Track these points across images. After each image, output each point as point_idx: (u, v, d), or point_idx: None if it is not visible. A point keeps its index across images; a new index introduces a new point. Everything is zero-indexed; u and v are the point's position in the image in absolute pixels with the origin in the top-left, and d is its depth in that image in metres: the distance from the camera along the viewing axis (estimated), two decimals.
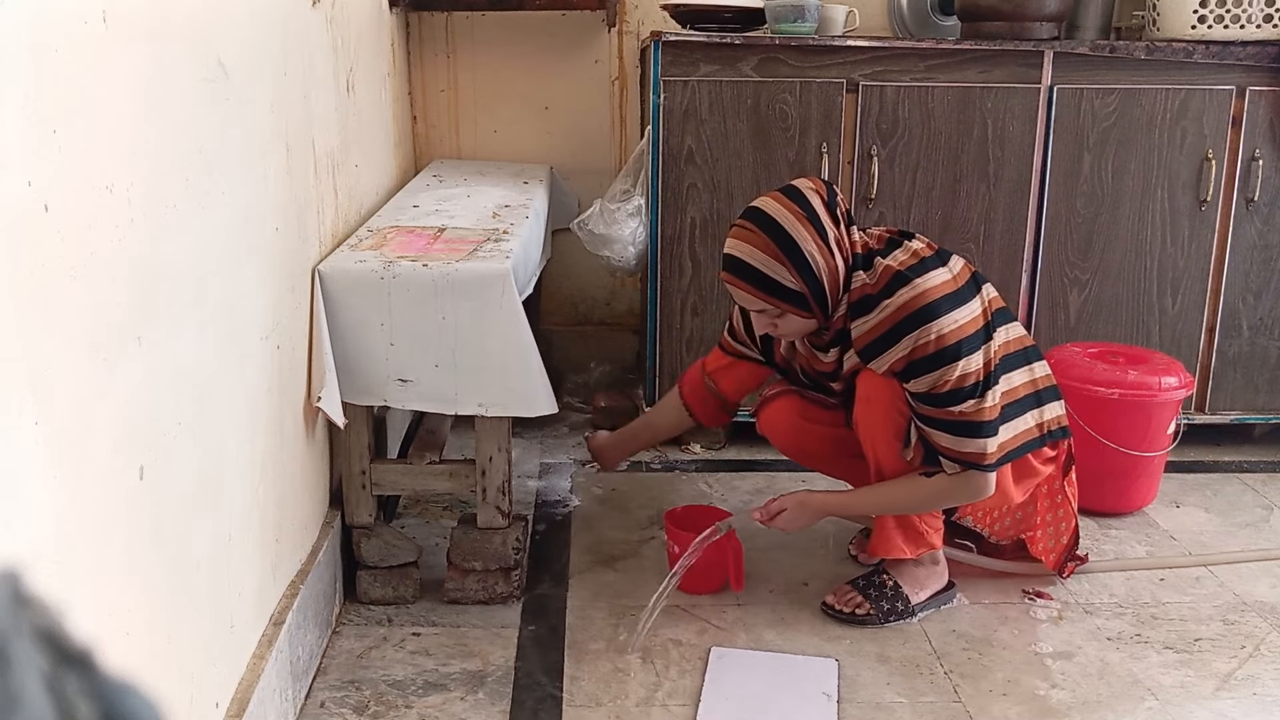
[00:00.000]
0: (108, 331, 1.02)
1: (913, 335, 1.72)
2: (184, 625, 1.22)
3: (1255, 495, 2.48)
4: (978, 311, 1.77)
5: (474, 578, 1.93)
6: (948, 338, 1.72)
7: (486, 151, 3.00)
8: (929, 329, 1.72)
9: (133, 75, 1.08)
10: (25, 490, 0.88)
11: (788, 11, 2.51)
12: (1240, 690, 1.73)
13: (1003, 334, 1.83)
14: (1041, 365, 1.91)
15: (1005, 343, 1.83)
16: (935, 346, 1.72)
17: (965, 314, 1.75)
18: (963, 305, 1.75)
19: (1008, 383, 1.82)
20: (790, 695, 1.69)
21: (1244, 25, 2.49)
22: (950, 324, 1.73)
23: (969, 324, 1.74)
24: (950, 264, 1.80)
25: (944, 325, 1.72)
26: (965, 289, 1.78)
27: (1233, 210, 2.55)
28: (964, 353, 1.73)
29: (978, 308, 1.77)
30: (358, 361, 1.79)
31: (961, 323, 1.73)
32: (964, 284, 1.78)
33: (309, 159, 1.77)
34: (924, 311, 1.72)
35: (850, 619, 1.90)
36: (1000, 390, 1.79)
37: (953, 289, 1.76)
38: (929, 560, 1.94)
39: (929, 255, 1.80)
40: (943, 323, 1.72)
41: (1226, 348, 2.63)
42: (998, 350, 1.79)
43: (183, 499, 1.22)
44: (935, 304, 1.73)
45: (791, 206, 1.74)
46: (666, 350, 2.60)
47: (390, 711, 1.64)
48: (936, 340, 1.72)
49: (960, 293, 1.76)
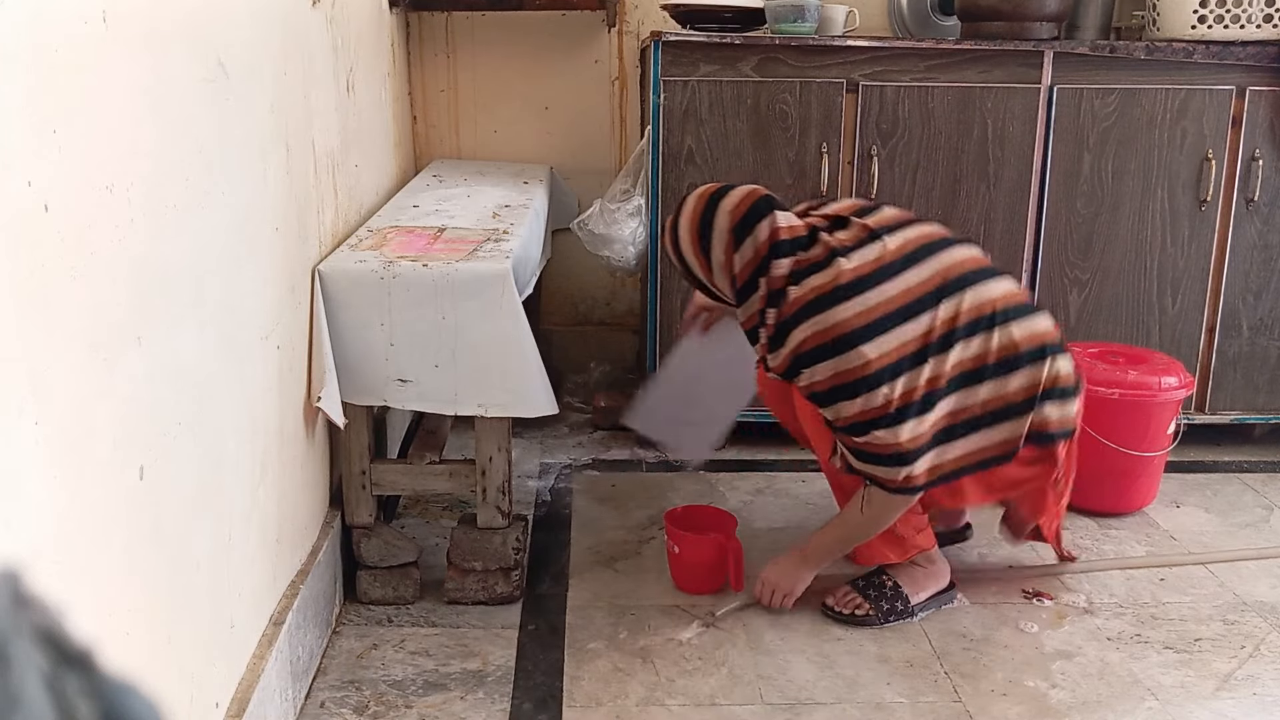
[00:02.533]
0: (108, 331, 1.02)
1: (809, 370, 1.72)
2: (184, 625, 1.22)
3: (1255, 495, 2.48)
4: (908, 338, 1.70)
5: (474, 578, 1.93)
6: (848, 374, 1.70)
7: (486, 151, 3.00)
8: (822, 368, 1.71)
9: (133, 75, 1.08)
10: (25, 490, 0.88)
11: (788, 11, 2.51)
12: (1240, 690, 1.73)
13: (960, 350, 1.73)
14: (1043, 366, 1.78)
15: (964, 360, 1.74)
16: (831, 382, 1.71)
17: (880, 346, 1.69)
18: (884, 334, 1.69)
19: (959, 401, 1.74)
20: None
21: (1244, 25, 2.49)
22: (852, 361, 1.69)
23: (878, 360, 1.69)
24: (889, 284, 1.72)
25: (845, 362, 1.69)
26: (899, 312, 1.71)
27: (1233, 210, 2.55)
28: (864, 389, 1.69)
29: (910, 334, 1.70)
30: (358, 361, 1.79)
31: (869, 358, 1.69)
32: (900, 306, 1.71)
33: (309, 159, 1.77)
34: (824, 348, 1.71)
35: (850, 620, 1.90)
36: (936, 414, 1.73)
37: (868, 320, 1.70)
38: (925, 560, 1.94)
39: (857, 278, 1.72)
40: (847, 357, 1.69)
41: (1226, 348, 2.63)
42: (945, 371, 1.72)
43: (183, 499, 1.22)
44: (843, 338, 1.70)
45: (694, 224, 1.81)
46: (666, 350, 2.59)
47: (390, 711, 1.64)
48: (833, 376, 1.71)
49: (881, 321, 1.70)
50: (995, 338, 1.76)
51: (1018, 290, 1.84)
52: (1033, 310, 1.82)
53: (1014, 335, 1.77)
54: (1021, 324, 1.78)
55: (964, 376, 1.75)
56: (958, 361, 1.74)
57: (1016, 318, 1.78)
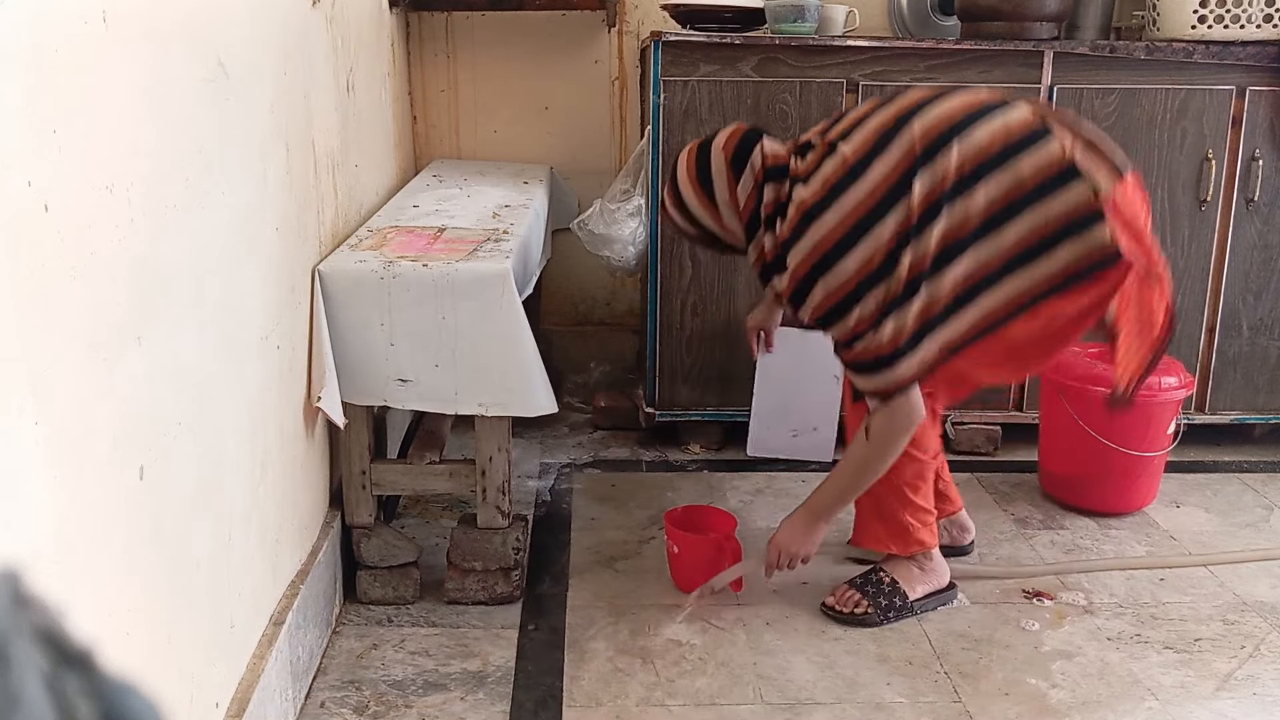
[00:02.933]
0: (108, 331, 1.02)
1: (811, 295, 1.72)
2: (184, 625, 1.22)
3: (1255, 495, 2.48)
4: (885, 236, 1.66)
5: (474, 578, 1.93)
6: (837, 293, 1.70)
7: (486, 151, 3.00)
8: (816, 291, 1.71)
9: (133, 75, 1.08)
10: (25, 490, 0.88)
11: (788, 11, 2.51)
12: (1240, 690, 1.73)
13: (945, 219, 1.65)
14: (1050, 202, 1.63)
15: (949, 229, 1.65)
16: (825, 305, 1.71)
17: (859, 257, 1.67)
18: (860, 242, 1.67)
19: (952, 276, 1.66)
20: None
21: (1244, 25, 2.49)
22: (839, 278, 1.69)
23: (858, 271, 1.67)
24: (853, 190, 1.67)
25: (833, 280, 1.69)
26: (869, 215, 1.66)
27: (1233, 210, 2.55)
28: (852, 303, 1.69)
29: (886, 231, 1.66)
30: (358, 361, 1.79)
31: (850, 272, 1.68)
32: (869, 209, 1.66)
33: (309, 159, 1.77)
34: (814, 269, 1.71)
35: (850, 619, 1.90)
36: (921, 301, 1.67)
37: (843, 232, 1.68)
38: (924, 559, 1.94)
39: (820, 198, 1.70)
40: (835, 274, 1.69)
41: (1226, 348, 2.63)
42: (930, 249, 1.66)
43: (183, 499, 1.22)
44: (825, 256, 1.70)
45: (691, 173, 1.84)
46: (666, 350, 2.59)
47: (390, 711, 1.64)
48: (825, 299, 1.71)
49: (855, 229, 1.67)
50: (983, 191, 1.65)
51: (1021, 120, 1.68)
52: (1036, 138, 1.66)
53: (1011, 179, 1.65)
54: (1024, 159, 1.65)
55: (950, 250, 1.67)
56: (943, 232, 1.66)
57: (1015, 154, 1.65)
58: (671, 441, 2.69)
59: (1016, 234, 1.65)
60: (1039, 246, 1.65)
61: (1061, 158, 1.64)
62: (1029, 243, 1.65)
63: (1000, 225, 1.65)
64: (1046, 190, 1.64)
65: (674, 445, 2.68)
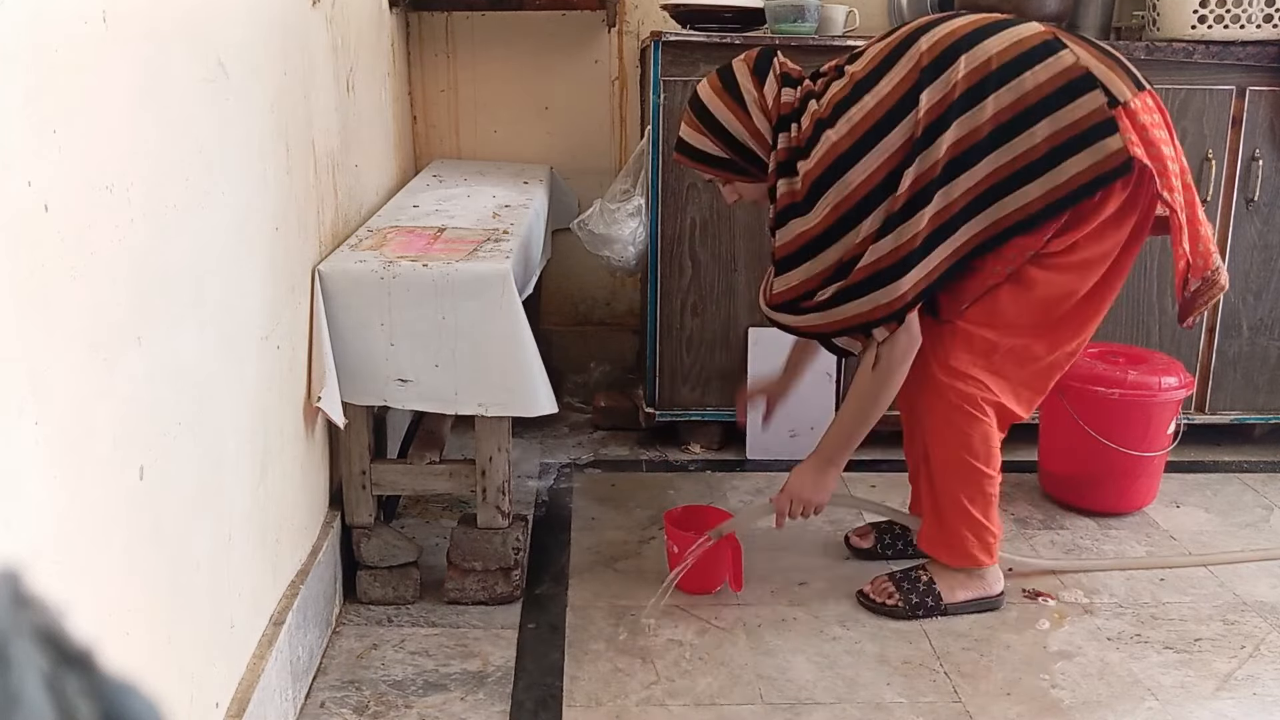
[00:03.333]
0: (108, 331, 1.02)
1: (821, 201, 1.71)
2: (184, 625, 1.22)
3: (1255, 495, 2.48)
4: (893, 147, 1.67)
5: (474, 578, 1.93)
6: (846, 202, 1.69)
7: (486, 151, 3.00)
8: (829, 196, 1.70)
9: (133, 75, 1.08)
10: (25, 490, 0.88)
11: (788, 11, 2.51)
12: (1240, 690, 1.73)
13: (956, 129, 1.65)
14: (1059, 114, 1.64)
15: (960, 139, 1.65)
16: (835, 215, 1.71)
17: (866, 167, 1.68)
18: (869, 152, 1.67)
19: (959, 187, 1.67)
20: None
21: (1244, 25, 2.49)
22: (848, 186, 1.69)
23: (864, 183, 1.68)
24: (863, 100, 1.69)
25: (843, 188, 1.69)
26: (878, 126, 1.67)
27: (1233, 210, 2.55)
28: (858, 217, 1.69)
29: (893, 143, 1.67)
30: (358, 361, 1.79)
31: (856, 182, 1.68)
32: (877, 119, 1.67)
33: (309, 159, 1.77)
34: (825, 175, 1.70)
35: (880, 609, 1.91)
36: (932, 209, 1.67)
37: (851, 141, 1.68)
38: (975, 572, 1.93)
39: (834, 105, 1.71)
40: (845, 181, 1.69)
41: (1226, 348, 2.63)
42: (940, 158, 1.66)
43: (183, 499, 1.22)
44: (833, 166, 1.69)
45: (715, 84, 1.83)
46: (666, 350, 2.59)
47: (390, 711, 1.64)
48: (834, 209, 1.70)
49: (864, 139, 1.67)
50: (993, 101, 1.65)
51: (1033, 32, 1.69)
52: (1049, 50, 1.66)
53: (1021, 89, 1.65)
54: (1036, 70, 1.65)
55: (962, 159, 1.67)
56: (954, 142, 1.66)
57: (1026, 65, 1.65)
58: (671, 441, 2.70)
59: (1027, 143, 1.65)
60: (1050, 156, 1.65)
61: (1074, 65, 1.65)
62: (1040, 152, 1.65)
63: (1012, 135, 1.65)
64: (1059, 99, 1.64)
65: (674, 445, 2.68)
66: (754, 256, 2.52)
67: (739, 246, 2.53)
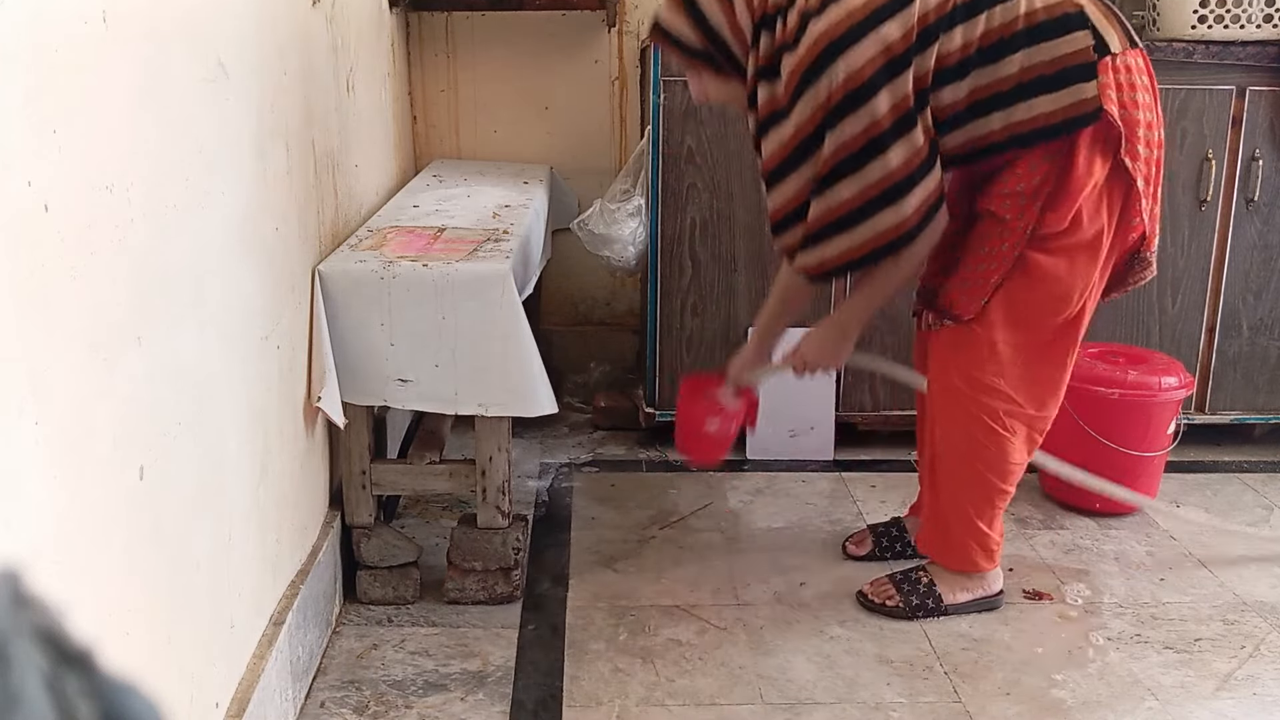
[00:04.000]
0: (108, 331, 1.02)
1: (810, 92, 1.62)
2: (184, 625, 1.22)
3: (1255, 495, 2.48)
4: (890, 39, 1.59)
5: (474, 578, 1.93)
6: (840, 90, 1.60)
7: (486, 151, 3.00)
8: (821, 87, 1.61)
9: (133, 75, 1.08)
10: (25, 490, 0.88)
11: None
12: (1240, 690, 1.73)
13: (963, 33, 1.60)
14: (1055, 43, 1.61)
15: (950, 52, 1.61)
16: (826, 106, 1.61)
17: (866, 51, 1.59)
18: (861, 40, 1.58)
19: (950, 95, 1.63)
20: None
21: (1244, 25, 2.49)
22: (836, 75, 1.59)
23: (866, 66, 1.59)
24: None
25: (840, 72, 1.59)
26: (875, 14, 1.59)
27: (1233, 210, 2.55)
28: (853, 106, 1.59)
29: (890, 34, 1.59)
30: (358, 361, 1.79)
31: (857, 66, 1.58)
32: (876, 7, 1.59)
33: (309, 159, 1.77)
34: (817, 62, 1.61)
35: (880, 609, 1.91)
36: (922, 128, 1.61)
37: (847, 26, 1.59)
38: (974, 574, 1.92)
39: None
40: (833, 70, 1.59)
41: (1226, 348, 2.63)
42: (929, 67, 1.61)
43: (183, 499, 1.22)
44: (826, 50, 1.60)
45: None
46: (666, 350, 2.59)
47: (390, 711, 1.64)
48: (827, 99, 1.61)
49: (861, 24, 1.58)
50: (984, 19, 1.63)
51: None
52: None
53: (1014, 12, 1.63)
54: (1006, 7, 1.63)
55: (952, 70, 1.63)
56: (944, 54, 1.63)
57: None
58: (671, 441, 2.69)
59: (1008, 69, 1.63)
60: (1028, 86, 1.62)
61: (1072, 1, 1.63)
62: (1018, 80, 1.63)
63: (997, 57, 1.62)
64: (1048, 31, 1.62)
65: (674, 445, 2.68)
66: (754, 256, 2.52)
67: (739, 246, 2.53)
